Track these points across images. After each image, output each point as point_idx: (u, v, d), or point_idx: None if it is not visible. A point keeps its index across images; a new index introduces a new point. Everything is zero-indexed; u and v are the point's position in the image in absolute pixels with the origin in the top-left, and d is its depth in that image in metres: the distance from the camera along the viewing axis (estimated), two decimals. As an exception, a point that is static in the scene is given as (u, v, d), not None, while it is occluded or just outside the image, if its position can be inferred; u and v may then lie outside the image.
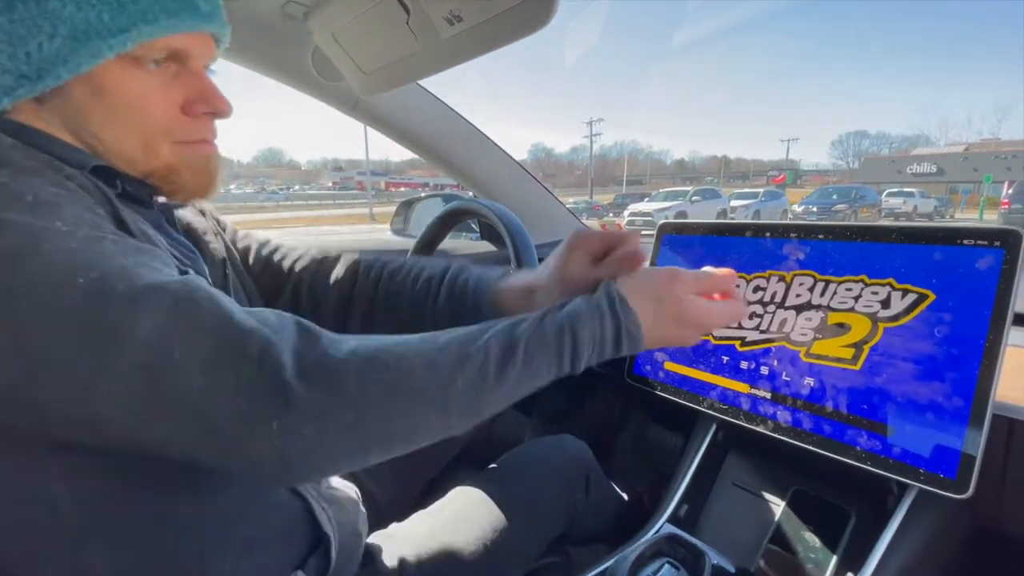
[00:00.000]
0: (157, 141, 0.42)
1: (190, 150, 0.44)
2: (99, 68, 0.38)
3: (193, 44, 0.42)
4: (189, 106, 0.43)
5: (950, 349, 0.50)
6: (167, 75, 0.42)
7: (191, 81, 0.43)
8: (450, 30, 0.62)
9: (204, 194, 0.47)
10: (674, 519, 0.68)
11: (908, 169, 31.56)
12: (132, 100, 0.40)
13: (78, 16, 0.35)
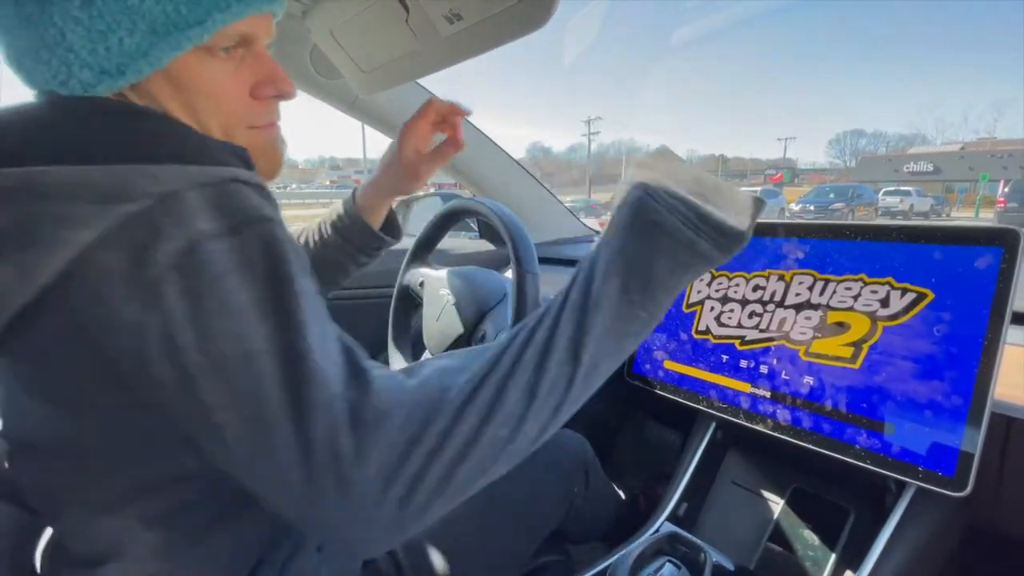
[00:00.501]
0: (234, 128, 0.42)
1: (263, 134, 0.44)
2: (176, 61, 0.37)
3: (258, 26, 0.42)
4: (257, 89, 0.43)
5: (949, 348, 0.50)
6: (235, 61, 0.41)
7: (257, 64, 0.42)
8: (449, 28, 0.62)
9: (271, 177, 0.47)
10: (674, 517, 0.68)
11: (905, 168, 31.65)
12: (209, 90, 0.40)
13: (156, 9, 0.35)
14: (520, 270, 0.63)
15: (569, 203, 1.34)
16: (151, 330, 0.29)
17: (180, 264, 0.30)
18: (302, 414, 0.30)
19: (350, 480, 0.30)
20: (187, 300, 0.30)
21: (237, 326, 0.30)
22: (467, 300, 0.74)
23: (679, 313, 0.73)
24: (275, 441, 0.30)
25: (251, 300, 0.31)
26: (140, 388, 0.31)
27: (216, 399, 0.30)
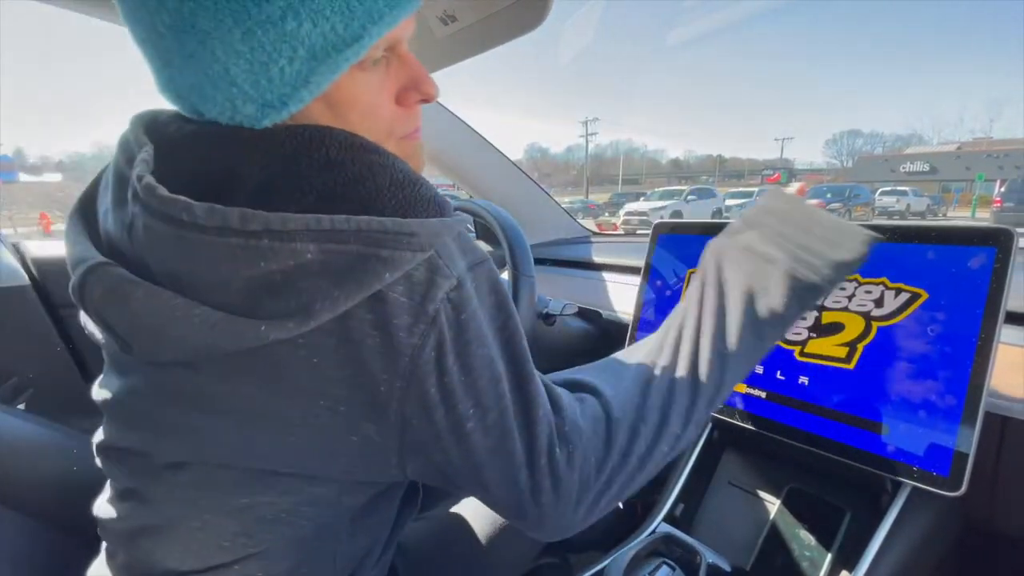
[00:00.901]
0: (385, 141, 0.41)
1: (411, 144, 0.44)
2: (337, 82, 0.37)
3: (404, 29, 0.40)
4: (403, 96, 0.41)
5: (943, 347, 0.50)
6: (382, 69, 0.40)
7: (402, 68, 0.41)
8: (444, 30, 0.62)
9: None
10: (670, 518, 0.68)
11: (901, 168, 31.77)
12: (363, 106, 0.39)
13: (315, 33, 0.34)
14: (516, 274, 0.63)
15: (567, 203, 1.34)
16: (427, 352, 0.34)
17: (452, 298, 0.35)
18: (530, 427, 0.37)
19: (563, 481, 0.38)
20: (456, 328, 0.35)
21: (488, 350, 0.36)
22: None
23: (675, 314, 0.73)
24: (511, 447, 0.36)
25: (493, 328, 0.37)
26: (391, 405, 0.34)
27: (469, 411, 0.35)
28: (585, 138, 47.09)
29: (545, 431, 0.38)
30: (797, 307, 0.45)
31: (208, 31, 0.32)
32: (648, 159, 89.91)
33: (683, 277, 0.73)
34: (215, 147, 0.35)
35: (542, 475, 0.37)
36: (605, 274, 1.06)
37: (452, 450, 0.36)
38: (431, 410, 0.35)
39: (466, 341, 0.35)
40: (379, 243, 0.33)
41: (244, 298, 0.33)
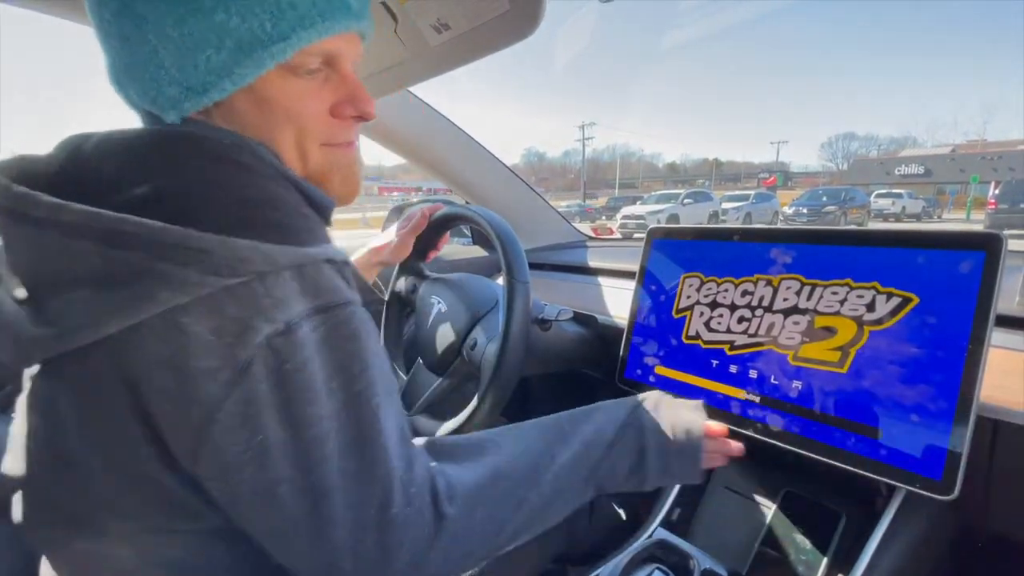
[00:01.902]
0: (308, 144, 0.42)
1: (339, 153, 0.44)
2: (260, 79, 0.38)
3: (344, 45, 0.42)
4: (337, 108, 0.43)
5: (934, 351, 0.50)
6: (319, 80, 0.41)
7: (341, 84, 0.43)
8: (438, 38, 0.62)
9: (349, 199, 0.48)
10: (667, 523, 0.68)
11: (896, 170, 31.94)
12: (289, 107, 0.40)
13: (243, 27, 0.35)
14: (511, 280, 0.63)
15: (564, 207, 1.34)
16: (230, 404, 0.30)
17: (275, 345, 0.31)
18: (357, 498, 0.34)
19: (379, 565, 0.35)
20: (274, 380, 0.31)
21: (317, 409, 0.32)
22: (458, 308, 0.74)
23: (669, 319, 0.73)
24: (327, 515, 0.33)
25: (336, 383, 0.33)
26: (183, 451, 0.31)
27: (284, 473, 0.31)
28: (582, 142, 47.24)
29: (375, 503, 0.34)
30: (631, 482, 0.52)
31: (144, 15, 0.34)
32: (645, 163, 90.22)
33: (677, 282, 0.73)
34: (106, 151, 0.35)
35: (359, 552, 0.34)
36: (601, 279, 1.06)
37: (257, 512, 0.33)
38: (231, 471, 0.31)
39: (287, 398, 0.31)
40: (160, 254, 0.29)
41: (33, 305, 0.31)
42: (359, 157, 0.48)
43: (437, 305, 0.77)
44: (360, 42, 0.45)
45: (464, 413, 0.66)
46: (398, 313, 0.90)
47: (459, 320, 0.73)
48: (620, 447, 0.51)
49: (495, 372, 0.62)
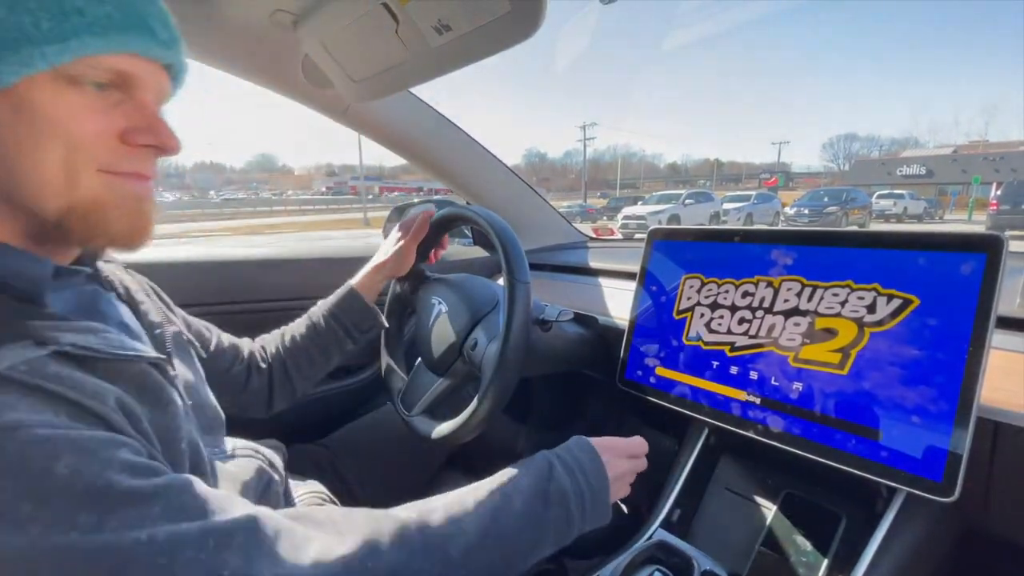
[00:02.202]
0: (81, 166, 0.36)
1: (120, 183, 0.39)
2: (27, 81, 0.33)
3: (144, 71, 0.38)
4: (129, 135, 0.38)
5: (935, 353, 0.50)
6: (109, 100, 0.37)
7: (136, 111, 0.38)
8: (439, 39, 0.63)
9: (133, 241, 0.41)
10: (667, 524, 0.68)
11: (898, 171, 31.92)
12: (58, 116, 0.35)
13: (10, 20, 0.31)
14: (511, 280, 0.63)
15: (565, 208, 1.34)
16: None
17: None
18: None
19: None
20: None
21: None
22: (459, 308, 0.74)
23: (670, 320, 0.73)
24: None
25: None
26: None
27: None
28: (583, 142, 47.23)
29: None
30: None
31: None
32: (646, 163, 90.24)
33: (678, 283, 0.73)
34: None
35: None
36: (601, 279, 1.06)
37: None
38: None
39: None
40: None
41: None
42: (152, 194, 0.42)
43: (438, 306, 0.77)
44: (166, 77, 0.41)
45: (464, 413, 0.66)
46: (399, 313, 0.90)
47: (460, 320, 0.73)
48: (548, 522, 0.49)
49: (496, 372, 0.62)
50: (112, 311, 0.45)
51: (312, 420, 1.01)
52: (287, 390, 0.75)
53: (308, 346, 0.75)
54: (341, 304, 0.78)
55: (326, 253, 1.16)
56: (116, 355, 0.37)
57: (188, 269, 1.00)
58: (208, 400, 0.54)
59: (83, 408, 0.33)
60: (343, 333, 0.77)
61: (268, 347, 0.76)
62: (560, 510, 0.49)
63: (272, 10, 0.75)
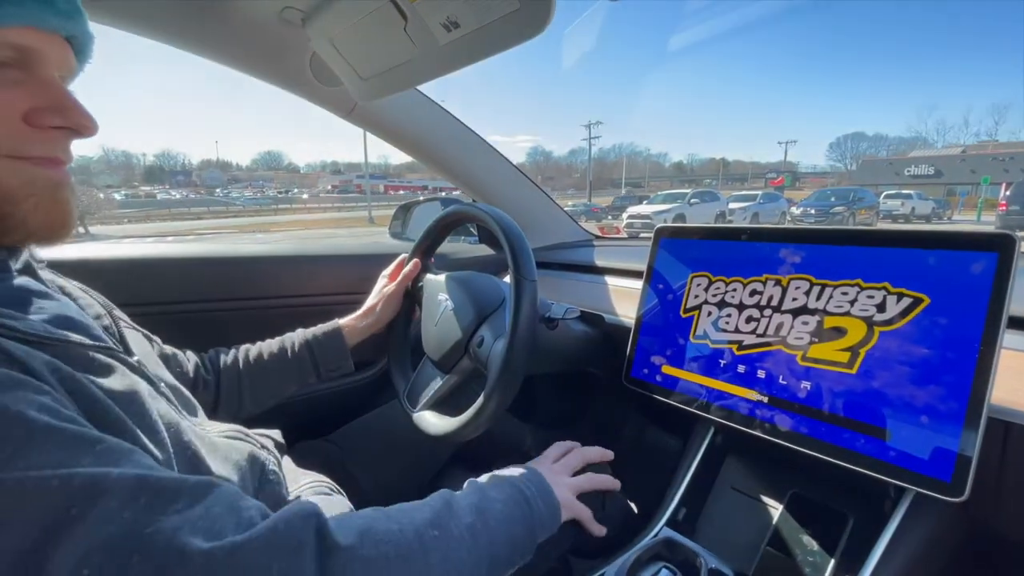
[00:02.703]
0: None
1: (28, 169, 0.35)
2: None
3: (44, 45, 0.35)
4: (34, 115, 0.35)
5: (945, 353, 0.50)
6: (6, 80, 0.34)
7: (40, 89, 0.35)
8: (447, 36, 0.63)
9: (53, 234, 0.38)
10: (672, 523, 0.68)
11: (906, 171, 31.69)
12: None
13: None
14: (518, 277, 0.63)
15: (570, 207, 1.34)
16: None
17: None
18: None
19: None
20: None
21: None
22: (465, 305, 0.74)
23: (677, 318, 0.73)
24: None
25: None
26: None
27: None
28: (588, 141, 47.12)
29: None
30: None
31: None
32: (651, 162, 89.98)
33: (685, 281, 0.73)
34: None
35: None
36: (607, 278, 1.06)
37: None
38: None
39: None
40: None
41: None
42: (69, 182, 0.38)
43: (444, 303, 0.77)
44: (70, 51, 0.38)
45: (470, 411, 0.66)
46: (405, 310, 0.90)
47: (466, 318, 0.73)
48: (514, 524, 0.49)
49: (502, 370, 0.62)
50: (50, 305, 0.40)
51: (318, 416, 1.01)
52: (231, 406, 0.72)
53: (271, 368, 0.75)
54: (321, 339, 0.79)
55: (331, 251, 1.17)
56: (41, 337, 0.33)
57: (189, 265, 1.01)
58: (177, 384, 0.52)
59: (6, 353, 0.30)
60: (310, 366, 0.77)
61: (225, 358, 0.74)
62: (511, 489, 0.50)
63: (281, 7, 0.75)
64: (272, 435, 0.62)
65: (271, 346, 0.78)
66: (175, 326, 0.76)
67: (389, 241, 1.55)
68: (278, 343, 0.78)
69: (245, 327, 0.89)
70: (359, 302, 0.87)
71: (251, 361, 0.75)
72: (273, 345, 0.78)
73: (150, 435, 0.36)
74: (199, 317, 0.98)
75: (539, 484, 0.53)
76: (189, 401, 0.53)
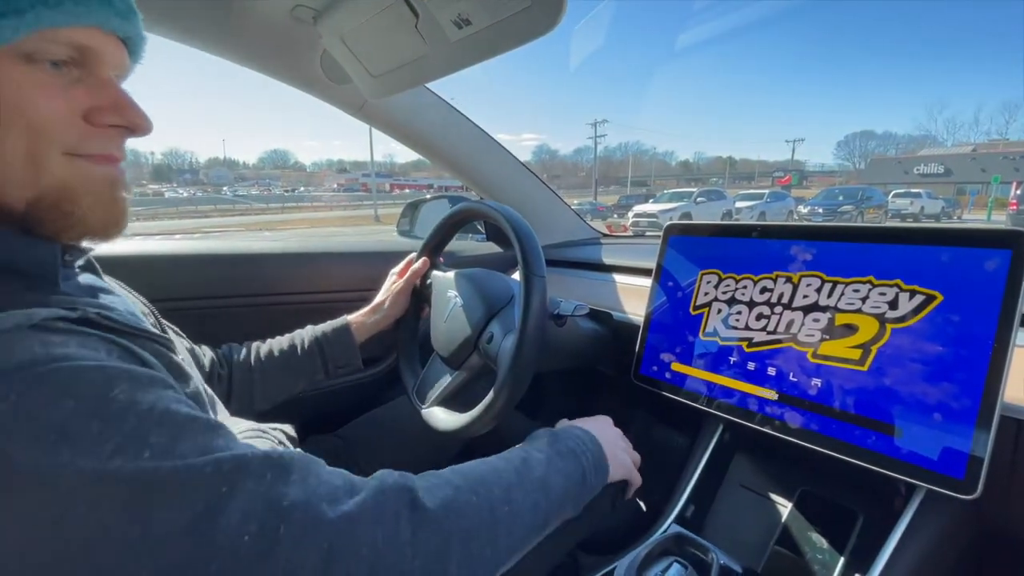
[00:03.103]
0: (45, 150, 0.34)
1: (89, 166, 0.36)
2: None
3: (104, 45, 0.36)
4: (94, 114, 0.36)
5: (958, 350, 0.50)
6: (68, 77, 0.35)
7: (99, 88, 0.36)
8: (458, 33, 0.63)
9: (108, 230, 0.39)
10: (681, 519, 0.68)
11: (915, 170, 31.39)
12: (15, 99, 0.32)
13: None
14: (528, 273, 0.64)
15: (576, 205, 1.34)
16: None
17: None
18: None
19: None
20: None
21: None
22: (474, 302, 0.74)
23: (686, 315, 0.73)
24: None
25: (56, 457, 0.26)
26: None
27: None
28: (594, 140, 47.00)
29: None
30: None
31: None
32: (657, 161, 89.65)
33: (694, 278, 0.73)
34: None
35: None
36: (615, 276, 1.06)
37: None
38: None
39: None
40: None
41: None
42: (123, 180, 0.39)
43: (454, 299, 0.77)
44: (123, 50, 0.38)
45: (480, 406, 0.66)
46: (414, 307, 0.91)
47: (475, 314, 0.73)
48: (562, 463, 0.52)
49: (512, 365, 0.62)
50: (115, 300, 0.44)
51: (328, 411, 1.02)
52: (243, 401, 0.73)
53: (282, 365, 0.76)
54: (331, 336, 0.79)
55: (340, 248, 1.17)
56: (135, 329, 0.36)
57: (200, 262, 1.02)
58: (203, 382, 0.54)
59: (131, 352, 0.33)
60: (320, 363, 0.78)
61: (238, 355, 0.76)
62: (573, 463, 0.52)
63: (293, 5, 0.76)
64: (285, 429, 0.62)
65: (282, 343, 0.79)
66: (186, 322, 0.77)
67: (398, 239, 1.56)
68: (288, 340, 0.79)
69: (255, 323, 0.90)
70: (368, 299, 0.88)
71: (262, 358, 0.76)
72: (284, 342, 0.79)
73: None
74: (209, 313, 0.99)
75: (597, 460, 0.55)
76: (212, 396, 0.55)
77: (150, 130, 0.39)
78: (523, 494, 0.45)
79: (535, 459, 0.49)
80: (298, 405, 0.79)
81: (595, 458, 0.54)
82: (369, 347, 0.84)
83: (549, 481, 0.48)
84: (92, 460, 0.26)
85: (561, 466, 0.50)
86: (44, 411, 0.26)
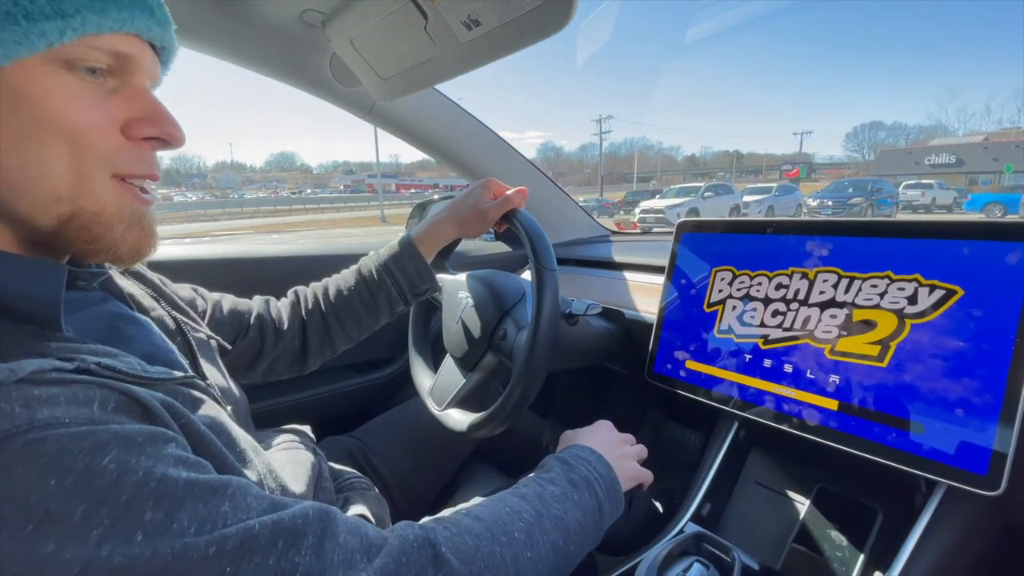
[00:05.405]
0: (92, 170, 0.33)
1: (129, 195, 0.35)
2: (18, 65, 0.29)
3: (142, 53, 0.35)
4: (132, 127, 0.34)
5: (980, 345, 0.49)
6: (104, 87, 0.33)
7: (135, 99, 0.35)
8: (468, 35, 0.63)
9: (138, 257, 0.38)
10: (697, 518, 0.68)
11: (926, 160, 30.97)
12: (55, 106, 0.30)
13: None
14: (539, 268, 0.63)
15: (582, 202, 1.34)
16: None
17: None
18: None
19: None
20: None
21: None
22: (487, 301, 0.74)
23: (700, 313, 0.73)
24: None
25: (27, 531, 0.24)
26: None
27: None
28: (599, 136, 46.80)
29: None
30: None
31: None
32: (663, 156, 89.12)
33: (708, 275, 0.73)
34: None
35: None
36: (626, 273, 1.06)
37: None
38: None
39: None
40: None
41: None
42: (152, 211, 0.38)
43: (465, 300, 0.78)
44: (157, 60, 0.37)
45: (496, 404, 0.66)
46: (425, 309, 0.91)
47: (487, 313, 0.73)
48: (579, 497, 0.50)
49: (527, 359, 0.62)
50: (137, 332, 0.40)
51: (342, 413, 1.03)
52: (326, 348, 0.70)
53: (356, 303, 0.69)
54: (398, 259, 0.69)
55: (351, 250, 1.18)
56: (142, 379, 0.33)
57: (210, 267, 1.02)
58: (240, 397, 0.53)
59: (132, 399, 0.30)
60: (396, 293, 0.70)
61: (305, 301, 0.70)
62: (588, 495, 0.50)
63: (301, 10, 0.76)
64: (304, 430, 0.63)
65: (346, 280, 0.70)
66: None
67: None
68: (353, 275, 0.70)
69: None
70: None
71: (332, 299, 0.69)
72: (348, 278, 0.70)
73: (243, 463, 0.38)
74: None
75: (610, 487, 0.53)
76: (248, 413, 0.53)
77: (183, 142, 0.38)
78: (543, 536, 0.44)
79: (550, 494, 0.48)
80: (314, 406, 0.80)
81: (608, 487, 0.53)
82: (379, 349, 0.84)
83: (567, 519, 0.46)
84: (78, 549, 0.24)
85: (577, 499, 0.49)
86: (23, 492, 0.24)
